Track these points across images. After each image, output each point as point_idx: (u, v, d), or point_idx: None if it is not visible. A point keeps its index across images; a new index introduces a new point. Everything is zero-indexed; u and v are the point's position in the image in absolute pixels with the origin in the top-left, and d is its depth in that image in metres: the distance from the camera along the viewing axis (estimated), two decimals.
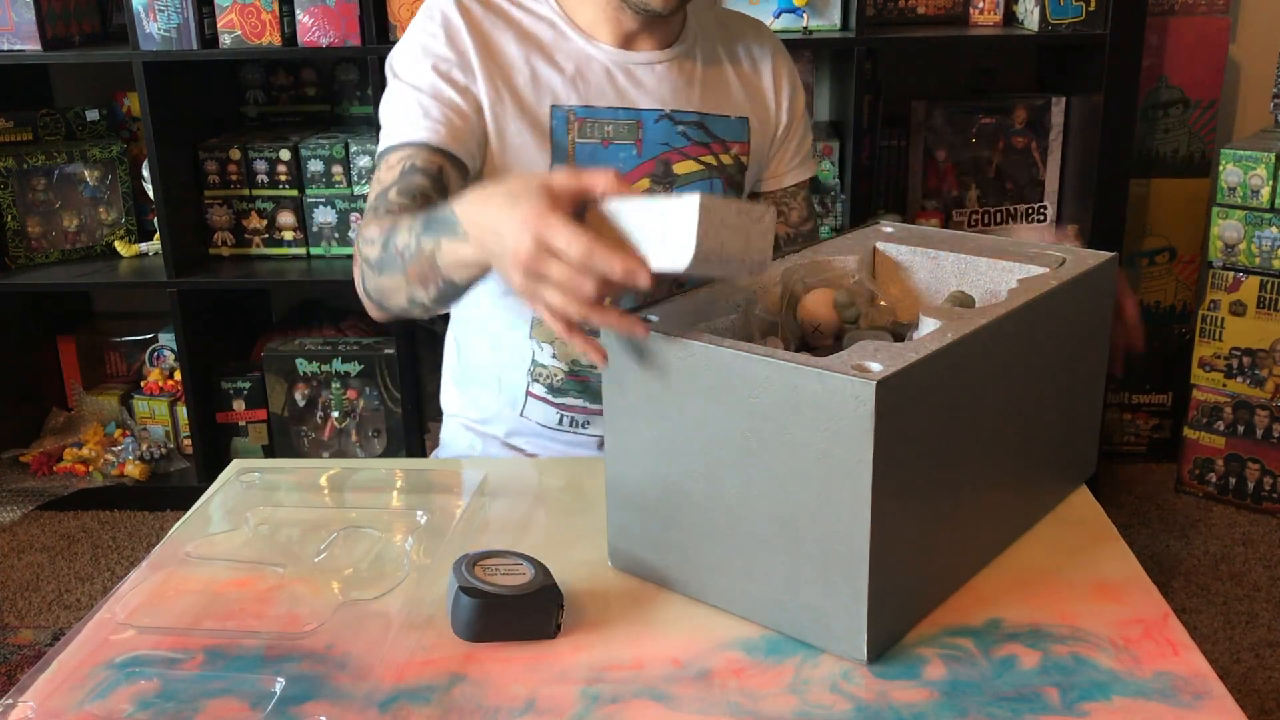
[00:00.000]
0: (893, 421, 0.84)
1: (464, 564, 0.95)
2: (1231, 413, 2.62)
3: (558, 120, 1.31)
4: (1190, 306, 2.79)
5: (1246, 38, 2.76)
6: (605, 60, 1.33)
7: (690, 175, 1.37)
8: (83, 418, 2.95)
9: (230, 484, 1.21)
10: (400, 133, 1.26)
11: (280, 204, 2.67)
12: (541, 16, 1.34)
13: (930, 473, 0.92)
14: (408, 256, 1.10)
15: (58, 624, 2.33)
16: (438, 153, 1.25)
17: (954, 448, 0.95)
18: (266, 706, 0.87)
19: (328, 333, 2.85)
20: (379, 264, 1.15)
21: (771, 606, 0.94)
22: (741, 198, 1.43)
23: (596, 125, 1.32)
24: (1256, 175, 2.47)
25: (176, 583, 1.03)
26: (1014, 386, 1.02)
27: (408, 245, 1.10)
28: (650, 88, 1.35)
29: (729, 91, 1.41)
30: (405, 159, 1.24)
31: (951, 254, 1.18)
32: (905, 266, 1.21)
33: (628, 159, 1.34)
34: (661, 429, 0.97)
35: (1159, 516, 2.64)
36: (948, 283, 1.18)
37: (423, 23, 1.31)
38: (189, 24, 2.45)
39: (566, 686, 0.89)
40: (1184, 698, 0.86)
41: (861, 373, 0.84)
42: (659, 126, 1.35)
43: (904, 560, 0.91)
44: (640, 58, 1.35)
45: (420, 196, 1.22)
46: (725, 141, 1.39)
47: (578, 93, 1.32)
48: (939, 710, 0.85)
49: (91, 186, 2.80)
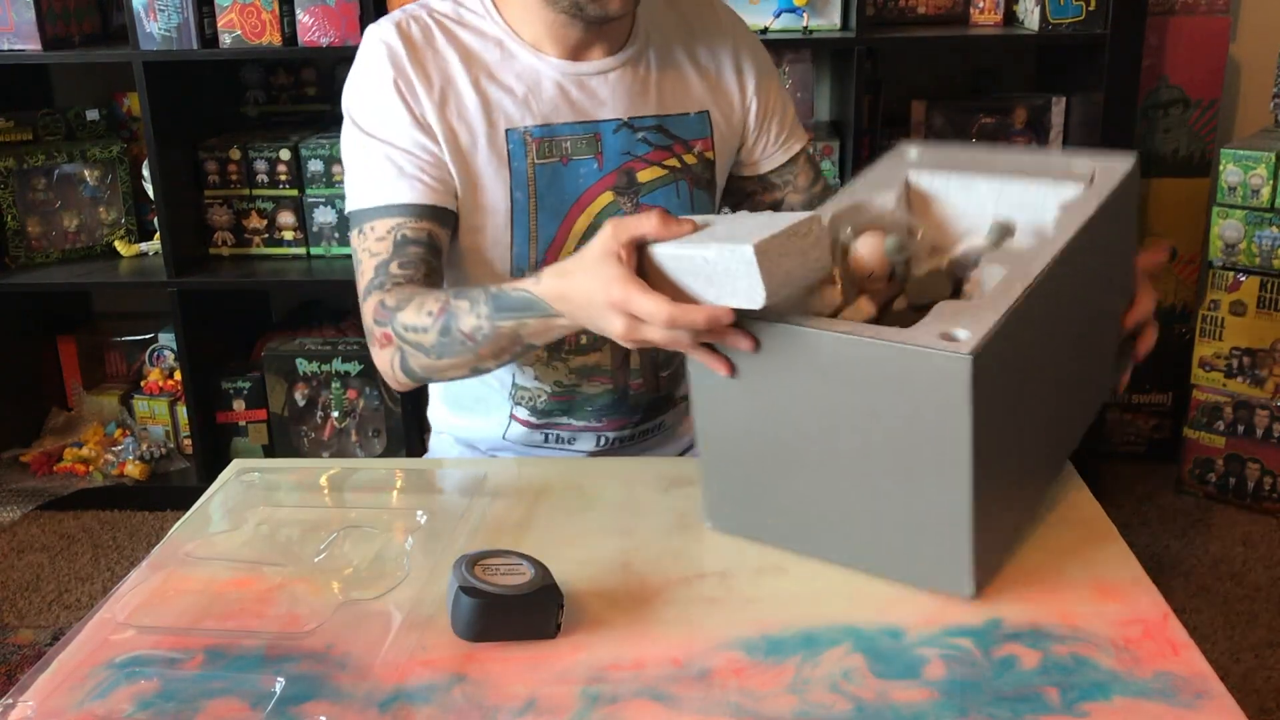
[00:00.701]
0: (985, 384, 0.89)
1: (464, 564, 0.95)
2: (1231, 413, 2.62)
3: (514, 144, 1.27)
4: (1190, 306, 2.79)
5: (1246, 38, 2.76)
6: (556, 74, 1.29)
7: (655, 181, 1.33)
8: (83, 418, 2.95)
9: (230, 484, 1.21)
10: (378, 194, 1.24)
11: (280, 204, 2.67)
12: (486, 34, 1.29)
13: (1014, 414, 0.97)
14: (480, 339, 1.14)
15: (58, 624, 2.33)
16: (424, 215, 1.24)
17: (1030, 385, 1.00)
18: (266, 706, 0.87)
19: (328, 333, 2.85)
20: (437, 349, 1.17)
21: (875, 554, 1.01)
22: (715, 193, 1.40)
23: (554, 144, 1.28)
24: (1256, 175, 2.47)
25: (176, 583, 1.03)
26: (1074, 314, 1.06)
27: (478, 329, 1.13)
28: (605, 97, 1.30)
29: (687, 87, 1.35)
30: (394, 229, 1.23)
31: (984, 180, 1.16)
32: (939, 197, 1.19)
33: (588, 173, 1.30)
34: (751, 404, 1.01)
35: (1159, 516, 2.64)
36: (984, 208, 1.16)
37: (371, 62, 1.27)
38: (189, 24, 2.45)
39: (566, 686, 0.89)
40: (1184, 698, 0.86)
41: (951, 344, 0.88)
42: (618, 136, 1.31)
43: (998, 497, 0.97)
44: (592, 67, 1.30)
45: (421, 264, 1.23)
46: (687, 141, 1.35)
47: (531, 112, 1.28)
48: (939, 710, 0.85)
49: (91, 186, 2.80)
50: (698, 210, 1.35)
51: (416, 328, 1.18)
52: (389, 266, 1.22)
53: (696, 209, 1.35)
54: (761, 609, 0.99)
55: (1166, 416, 2.86)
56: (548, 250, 1.30)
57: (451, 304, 1.16)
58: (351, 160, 1.28)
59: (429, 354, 1.18)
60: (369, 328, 1.24)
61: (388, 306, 1.20)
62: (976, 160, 1.20)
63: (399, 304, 1.20)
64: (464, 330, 1.14)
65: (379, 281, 1.23)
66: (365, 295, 1.24)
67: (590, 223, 1.30)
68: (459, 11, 1.30)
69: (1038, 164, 1.17)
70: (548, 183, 1.28)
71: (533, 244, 1.29)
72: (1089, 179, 1.11)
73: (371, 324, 1.23)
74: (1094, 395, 1.20)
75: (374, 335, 1.23)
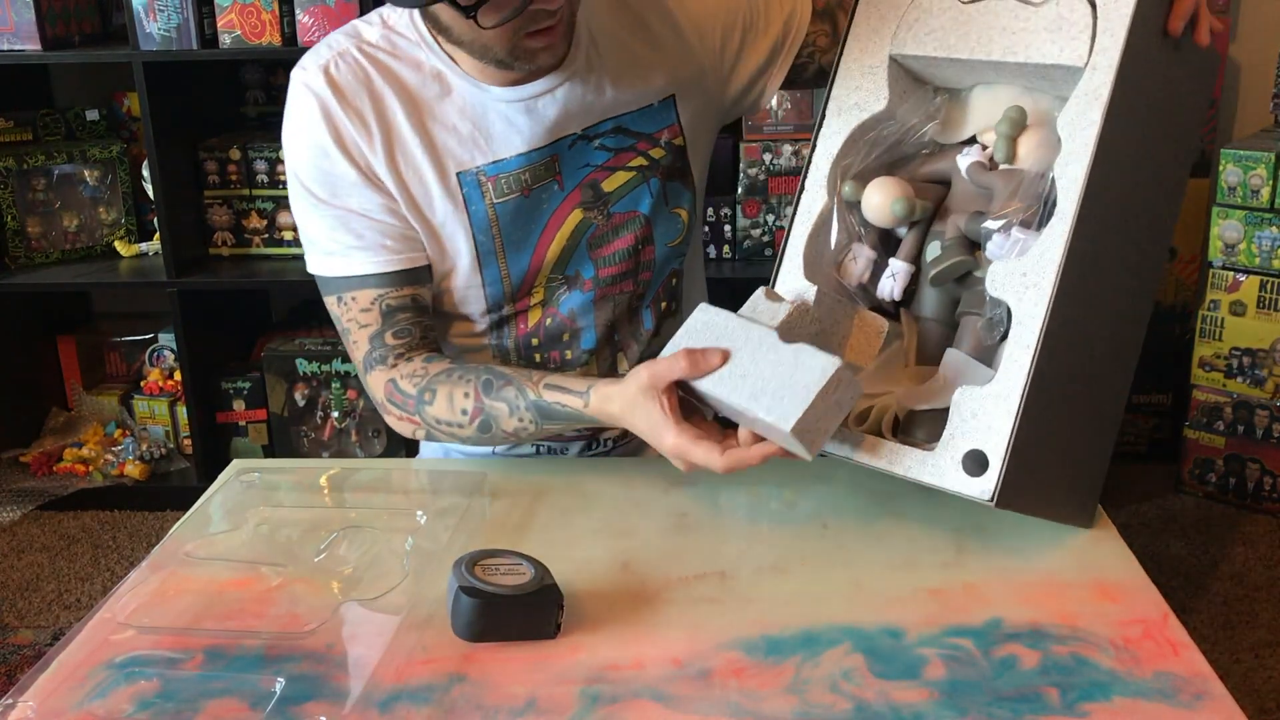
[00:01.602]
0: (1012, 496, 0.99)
1: (464, 564, 0.95)
2: (1231, 413, 2.62)
3: (468, 186, 1.19)
4: (1190, 306, 2.78)
5: (1246, 38, 2.76)
6: (501, 105, 1.18)
7: (622, 188, 1.26)
8: (83, 418, 2.95)
9: (230, 484, 1.21)
10: (346, 264, 1.20)
11: (280, 204, 2.67)
12: (422, 66, 1.18)
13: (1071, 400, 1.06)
14: (524, 435, 1.19)
15: (58, 624, 2.33)
16: (402, 282, 1.21)
17: (1085, 367, 1.06)
18: (266, 706, 0.87)
19: (328, 333, 2.85)
20: (474, 440, 1.20)
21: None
22: (693, 179, 1.30)
23: (511, 178, 1.20)
24: (1256, 175, 2.47)
25: (176, 583, 1.03)
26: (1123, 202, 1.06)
27: (521, 430, 1.18)
28: (555, 117, 1.20)
29: (644, 76, 1.24)
30: (377, 300, 1.20)
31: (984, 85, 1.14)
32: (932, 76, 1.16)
33: (551, 197, 1.22)
34: None
35: (1159, 516, 2.64)
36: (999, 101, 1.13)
37: (304, 119, 1.18)
38: (189, 24, 2.45)
39: (566, 686, 0.89)
40: (1184, 698, 0.86)
41: (976, 481, 0.99)
42: (574, 151, 1.22)
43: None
44: (537, 88, 1.19)
45: (415, 328, 1.22)
46: (651, 135, 1.26)
47: (481, 150, 1.19)
48: (939, 710, 0.85)
49: (91, 186, 2.80)
50: (671, 204, 1.29)
51: (451, 423, 1.19)
52: (384, 338, 1.21)
53: (671, 203, 1.29)
54: (761, 609, 0.99)
55: (1166, 416, 2.86)
56: (522, 282, 1.25)
57: (486, 404, 1.17)
58: (306, 223, 1.21)
59: (464, 441, 1.22)
60: (380, 403, 1.24)
61: (406, 393, 1.20)
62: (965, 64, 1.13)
63: (421, 394, 1.19)
64: (506, 431, 1.18)
65: (379, 355, 1.22)
66: (367, 368, 1.23)
67: (563, 246, 1.25)
68: (392, 40, 1.19)
69: (1027, 52, 1.07)
70: (510, 219, 1.22)
71: (505, 280, 1.25)
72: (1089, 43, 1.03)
73: (385, 401, 1.23)
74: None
75: (389, 411, 1.23)
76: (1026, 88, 1.11)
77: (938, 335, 1.11)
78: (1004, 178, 1.08)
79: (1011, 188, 1.06)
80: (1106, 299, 1.07)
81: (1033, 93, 1.11)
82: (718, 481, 1.20)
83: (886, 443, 1.05)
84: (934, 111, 1.15)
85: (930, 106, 1.15)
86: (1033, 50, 1.05)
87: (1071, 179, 1.00)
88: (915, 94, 1.16)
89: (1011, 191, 1.06)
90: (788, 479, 1.20)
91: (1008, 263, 1.02)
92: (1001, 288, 1.02)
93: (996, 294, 1.02)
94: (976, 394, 1.00)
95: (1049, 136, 1.07)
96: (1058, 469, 1.06)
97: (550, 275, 1.26)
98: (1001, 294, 1.02)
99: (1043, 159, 1.07)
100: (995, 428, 0.99)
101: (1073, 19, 1.03)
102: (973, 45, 1.08)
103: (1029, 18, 1.06)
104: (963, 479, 0.99)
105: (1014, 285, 1.01)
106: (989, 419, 0.99)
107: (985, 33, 1.08)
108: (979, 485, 0.98)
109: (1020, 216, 1.04)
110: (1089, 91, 1.01)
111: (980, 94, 1.15)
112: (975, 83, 1.15)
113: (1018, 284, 1.01)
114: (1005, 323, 1.03)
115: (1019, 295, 1.01)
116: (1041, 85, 1.09)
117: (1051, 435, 1.03)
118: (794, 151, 2.58)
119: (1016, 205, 1.05)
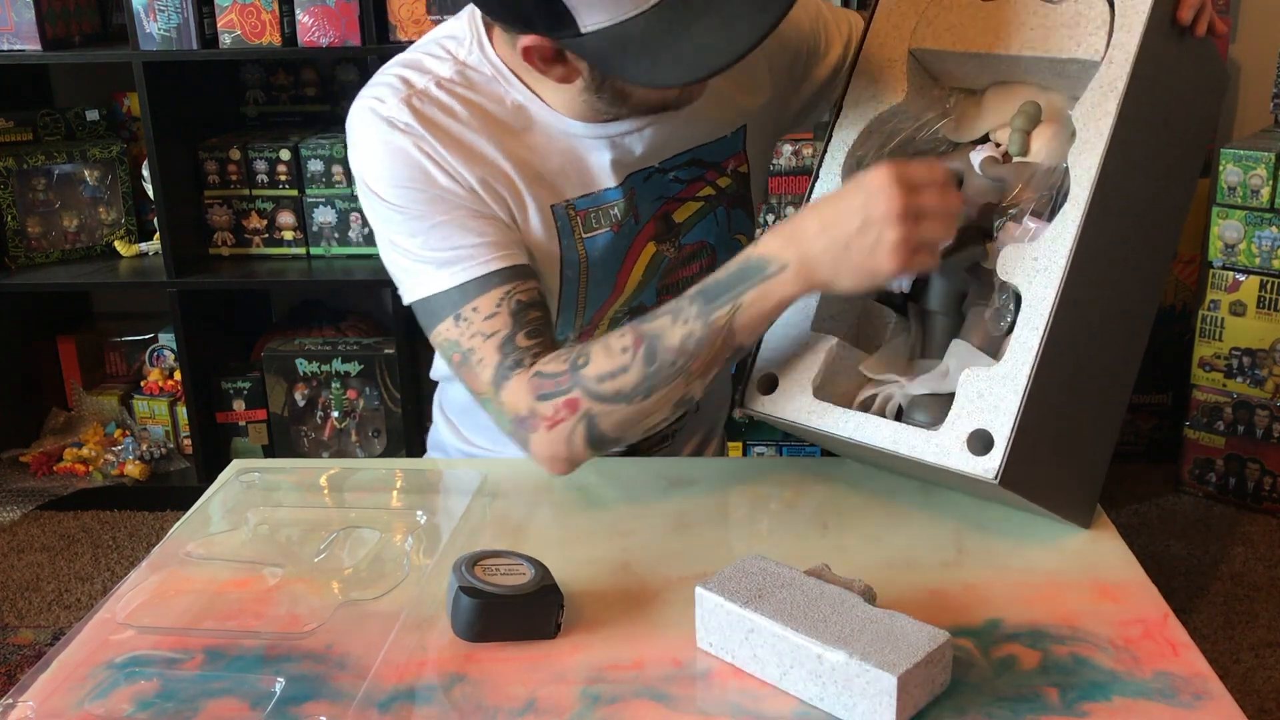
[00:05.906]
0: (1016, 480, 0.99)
1: (464, 564, 0.95)
2: (1231, 413, 2.62)
3: (560, 219, 1.16)
4: (1190, 306, 2.79)
5: (1246, 38, 2.76)
6: (586, 139, 1.16)
7: (691, 218, 1.25)
8: (83, 418, 2.95)
9: (230, 484, 1.21)
10: (465, 270, 1.10)
11: (280, 204, 2.67)
12: (503, 100, 1.14)
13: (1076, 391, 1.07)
14: (693, 347, 1.04)
15: (58, 624, 2.33)
16: (528, 274, 1.12)
17: (1095, 355, 1.06)
18: (266, 706, 0.87)
19: (328, 333, 2.85)
20: (645, 385, 1.05)
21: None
22: (752, 205, 1.31)
23: (600, 212, 1.18)
24: (1256, 175, 2.47)
25: (176, 583, 1.03)
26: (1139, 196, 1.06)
27: (689, 336, 1.03)
28: (641, 153, 1.18)
29: (722, 108, 1.24)
30: (503, 299, 1.09)
31: (1001, 86, 1.14)
32: (947, 70, 1.17)
33: (628, 231, 1.20)
34: None
35: (1159, 516, 2.64)
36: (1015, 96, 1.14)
37: (393, 152, 1.11)
38: (189, 24, 2.45)
39: (566, 686, 0.89)
40: (1184, 698, 0.86)
41: (981, 459, 0.99)
42: (649, 184, 1.20)
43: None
44: (624, 126, 1.17)
45: (546, 328, 1.12)
46: (719, 164, 1.25)
47: (570, 183, 1.16)
48: (939, 710, 0.85)
49: (91, 186, 2.80)
50: (734, 231, 1.28)
51: (614, 372, 1.05)
52: (515, 340, 1.09)
53: (734, 229, 1.29)
54: None
55: (1166, 416, 2.86)
56: (594, 317, 1.23)
57: (645, 330, 1.05)
58: (412, 247, 1.12)
59: (632, 398, 1.06)
60: (522, 416, 1.08)
61: (555, 371, 1.07)
62: (982, 63, 1.13)
63: (574, 360, 1.07)
64: (673, 346, 1.04)
65: (512, 362, 1.09)
66: (499, 384, 1.09)
67: (638, 281, 1.24)
68: (467, 75, 1.14)
69: (1045, 46, 1.08)
70: (599, 255, 1.19)
71: (579, 315, 1.22)
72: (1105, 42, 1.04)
73: (533, 405, 1.07)
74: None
75: (540, 417, 1.07)
76: (1042, 87, 1.12)
77: (945, 328, 1.12)
78: (1017, 170, 1.08)
79: (1024, 179, 1.07)
80: (1114, 290, 1.07)
81: (1047, 92, 1.12)
82: (718, 482, 1.20)
83: (890, 423, 1.05)
84: (948, 108, 1.16)
85: (945, 104, 1.16)
86: (1050, 45, 1.06)
87: (1085, 168, 1.00)
88: (930, 91, 1.17)
89: (1024, 182, 1.06)
90: (788, 479, 1.20)
91: (1018, 247, 1.02)
92: (1011, 271, 1.02)
93: (1006, 277, 1.03)
94: (983, 374, 1.01)
95: (1062, 133, 1.07)
96: (1061, 455, 1.06)
97: (618, 310, 1.25)
98: (1011, 277, 1.02)
99: (1055, 153, 1.07)
100: (1001, 408, 0.99)
101: (1090, 15, 1.04)
102: (991, 40, 1.09)
103: (1047, 14, 1.07)
104: (967, 458, 0.99)
105: (1024, 269, 1.01)
106: (995, 399, 0.99)
107: (1004, 28, 1.09)
108: (983, 464, 0.98)
109: (1032, 205, 1.05)
110: (1105, 83, 1.02)
111: (995, 93, 1.15)
112: (991, 81, 1.15)
113: (1028, 268, 1.01)
114: (1013, 312, 1.04)
115: (1029, 279, 1.01)
116: (1056, 84, 1.10)
117: (1056, 419, 1.03)
118: (794, 151, 2.59)
119: (1029, 195, 1.05)
